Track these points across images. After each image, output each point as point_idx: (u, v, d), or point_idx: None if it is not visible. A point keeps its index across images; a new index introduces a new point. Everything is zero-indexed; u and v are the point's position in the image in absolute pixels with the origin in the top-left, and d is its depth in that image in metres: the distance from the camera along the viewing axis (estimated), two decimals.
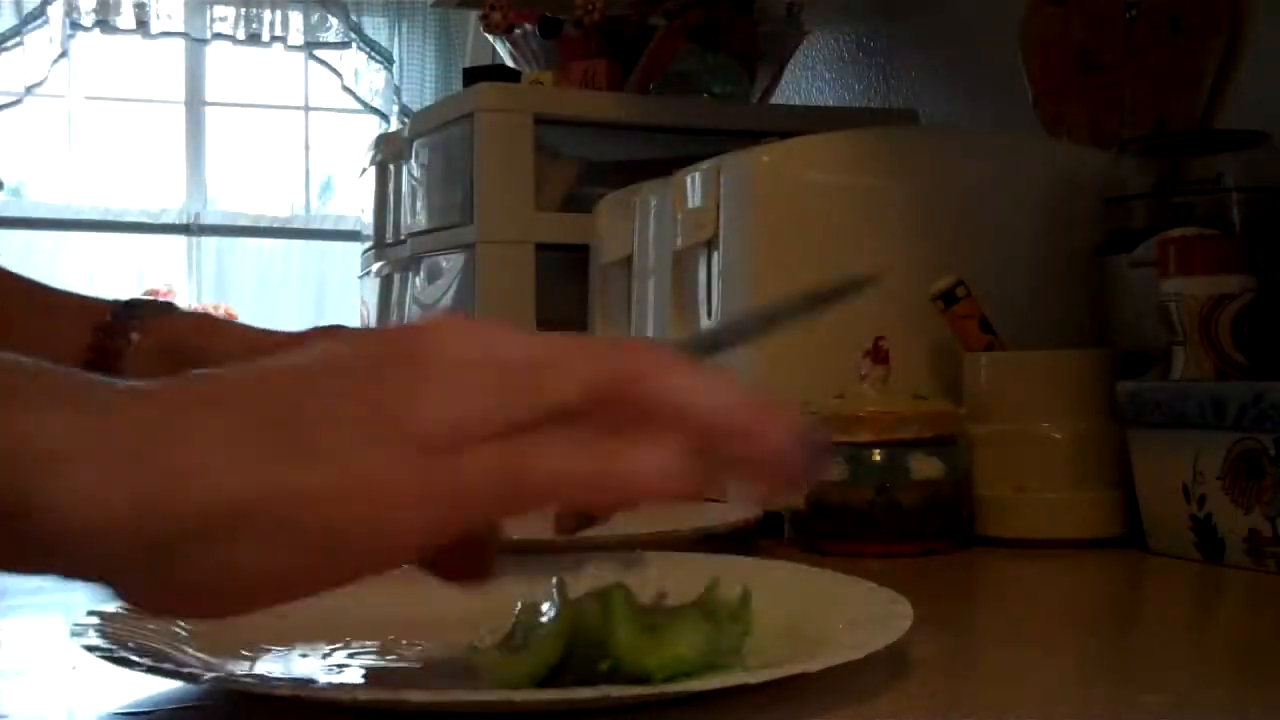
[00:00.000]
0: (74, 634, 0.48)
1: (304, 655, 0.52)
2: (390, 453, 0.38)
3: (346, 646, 0.53)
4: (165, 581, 0.38)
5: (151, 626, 0.50)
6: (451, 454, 0.38)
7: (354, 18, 4.14)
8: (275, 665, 0.51)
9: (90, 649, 0.46)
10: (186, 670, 0.45)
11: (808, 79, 1.75)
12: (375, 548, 0.39)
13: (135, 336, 0.67)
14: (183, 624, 0.51)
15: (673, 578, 0.55)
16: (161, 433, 0.38)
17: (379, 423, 0.38)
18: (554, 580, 0.49)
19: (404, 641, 0.54)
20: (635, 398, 0.40)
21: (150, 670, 0.44)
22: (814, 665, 0.44)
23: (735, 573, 0.54)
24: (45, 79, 3.93)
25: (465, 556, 0.47)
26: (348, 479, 0.38)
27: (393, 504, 0.38)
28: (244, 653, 0.51)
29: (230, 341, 0.66)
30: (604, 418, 0.40)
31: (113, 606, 0.49)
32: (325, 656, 0.52)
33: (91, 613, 0.50)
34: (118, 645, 0.47)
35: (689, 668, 0.43)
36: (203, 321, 0.69)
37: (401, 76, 4.14)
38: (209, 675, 0.45)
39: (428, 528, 0.39)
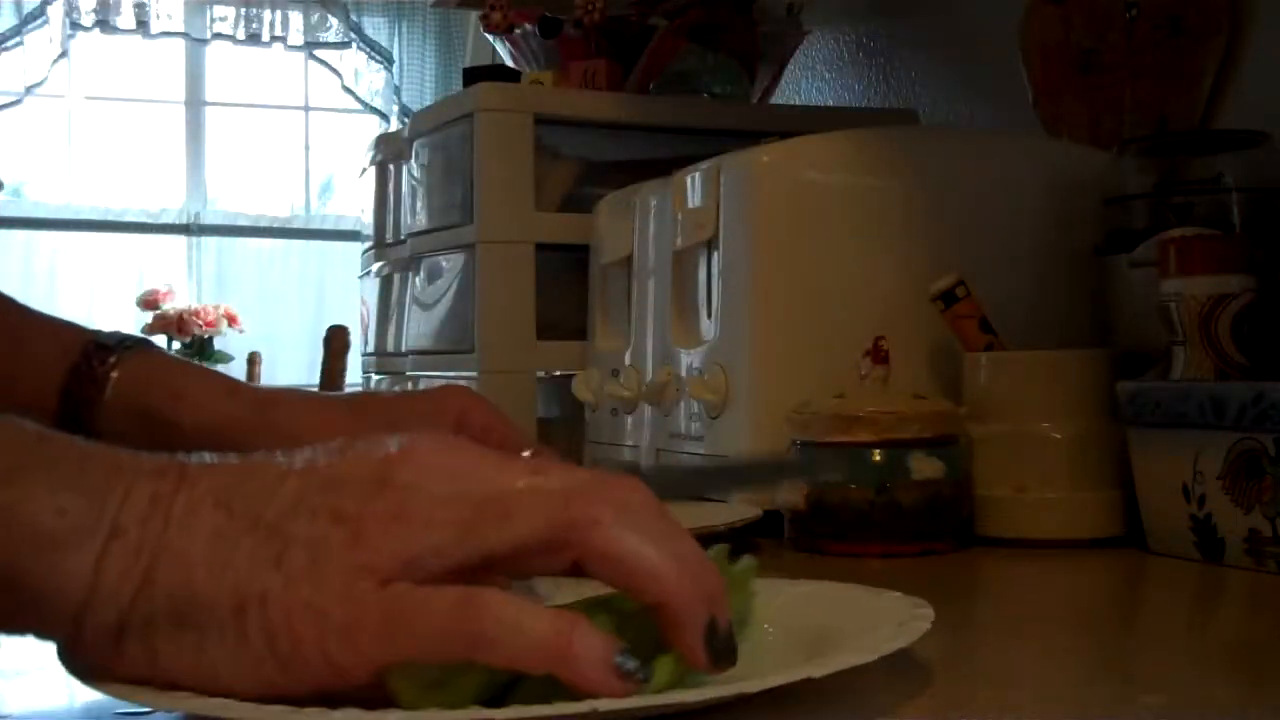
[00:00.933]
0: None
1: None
2: (343, 581, 0.40)
3: None
4: (136, 658, 0.41)
5: None
6: (403, 591, 0.40)
7: (354, 18, 4.14)
8: None
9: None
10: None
11: (808, 79, 1.75)
12: (318, 667, 0.40)
13: (108, 391, 0.67)
14: None
15: None
16: (153, 522, 0.41)
17: (340, 549, 0.40)
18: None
19: None
20: (585, 550, 0.41)
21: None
22: (816, 671, 0.43)
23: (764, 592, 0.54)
24: (45, 79, 3.93)
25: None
26: (299, 597, 0.40)
27: (336, 630, 0.39)
28: None
29: (200, 411, 0.66)
30: (556, 557, 0.41)
31: None
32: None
33: None
34: None
35: (659, 689, 0.41)
36: (175, 381, 0.68)
37: (401, 76, 4.14)
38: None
39: (366, 659, 0.40)
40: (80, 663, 0.42)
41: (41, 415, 0.66)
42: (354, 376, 2.25)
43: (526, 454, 0.65)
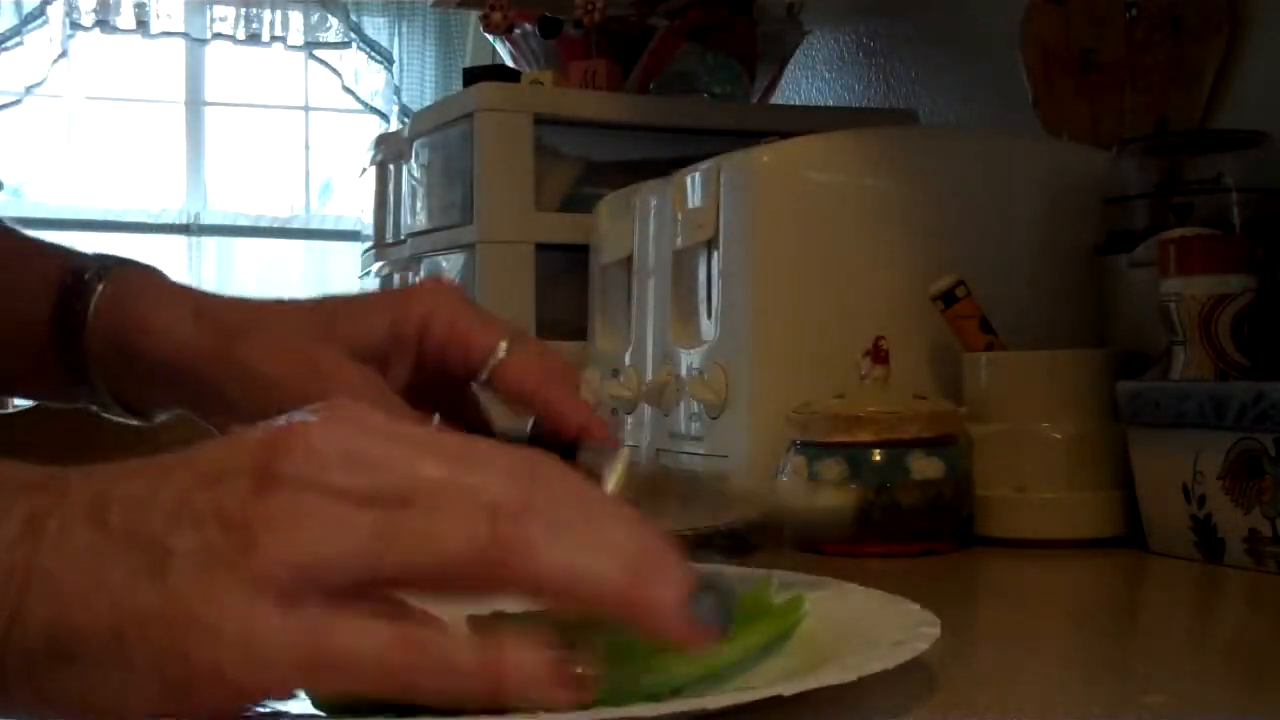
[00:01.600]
0: None
1: None
2: (236, 595, 0.36)
3: None
4: (23, 696, 0.37)
5: None
6: (315, 618, 0.36)
7: (354, 18, 4.14)
8: None
9: None
10: None
11: (808, 79, 1.75)
12: (215, 689, 0.36)
13: (88, 324, 0.64)
14: None
15: None
16: (23, 545, 0.37)
17: (228, 558, 0.36)
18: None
19: None
20: (519, 581, 0.38)
21: None
22: (786, 690, 0.43)
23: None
24: (45, 79, 3.93)
25: None
26: (183, 613, 0.36)
27: (232, 648, 0.36)
28: None
29: (164, 343, 0.62)
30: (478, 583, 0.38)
31: None
32: None
33: None
34: None
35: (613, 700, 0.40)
36: (142, 311, 0.63)
37: (401, 76, 4.14)
38: None
39: (272, 684, 0.37)
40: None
41: (36, 346, 0.65)
42: None
43: (504, 344, 0.61)
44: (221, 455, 0.39)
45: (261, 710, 0.43)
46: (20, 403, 1.20)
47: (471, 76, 1.41)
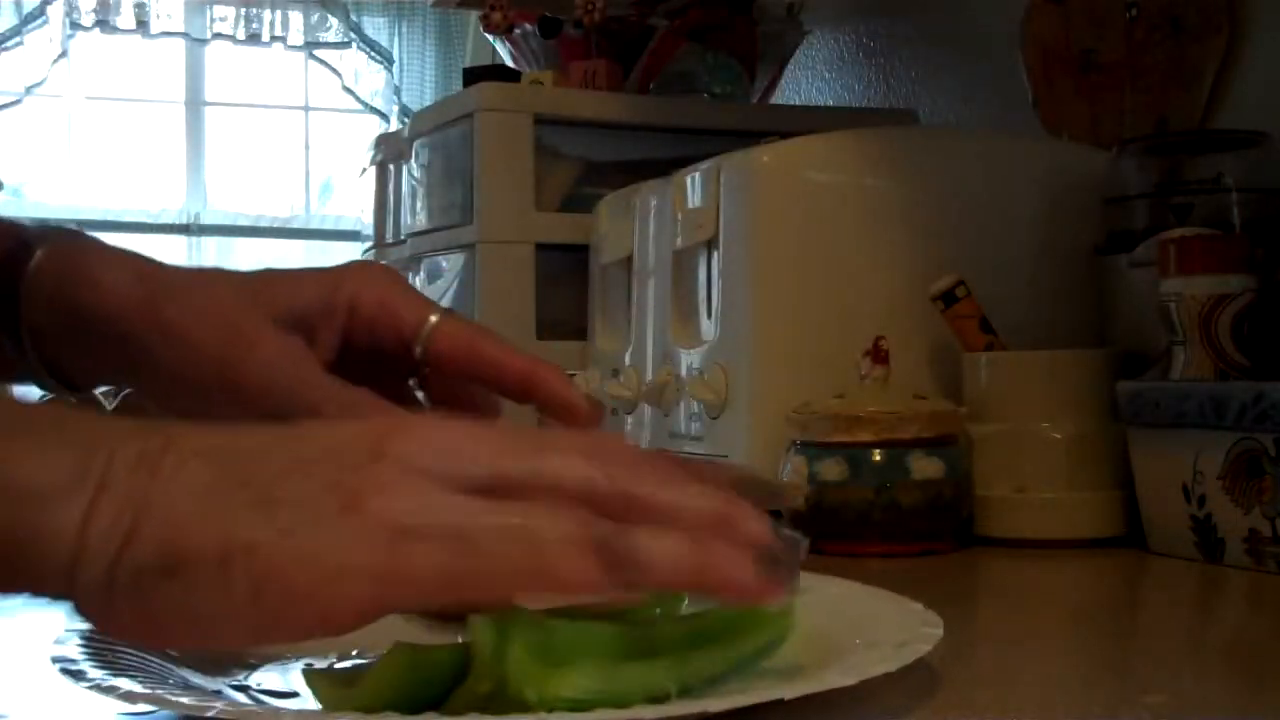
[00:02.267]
0: (57, 643, 0.47)
1: (309, 665, 0.52)
2: (336, 535, 0.39)
3: (358, 656, 0.53)
4: (127, 611, 0.40)
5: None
6: (402, 538, 0.39)
7: (354, 18, 4.14)
8: (271, 676, 0.51)
9: (66, 670, 0.45)
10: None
11: (808, 79, 1.75)
12: (308, 616, 0.39)
13: (26, 280, 0.62)
14: None
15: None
16: (139, 475, 0.40)
17: (333, 513, 0.39)
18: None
19: None
20: (627, 584, 0.40)
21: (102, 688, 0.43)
22: (787, 693, 0.43)
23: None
24: (45, 79, 3.93)
25: None
26: (289, 547, 0.39)
27: (330, 576, 0.39)
28: (251, 661, 0.51)
29: (107, 297, 0.61)
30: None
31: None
32: (332, 667, 0.52)
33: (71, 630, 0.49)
34: (96, 660, 0.46)
35: (569, 705, 0.40)
36: (92, 269, 0.63)
37: (401, 76, 4.14)
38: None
39: (362, 605, 0.39)
40: (87, 618, 0.41)
41: None
42: None
43: (435, 317, 0.61)
44: (333, 436, 0.42)
45: (261, 709, 0.43)
46: None
47: (471, 76, 1.41)
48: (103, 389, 0.68)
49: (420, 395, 0.63)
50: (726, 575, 0.40)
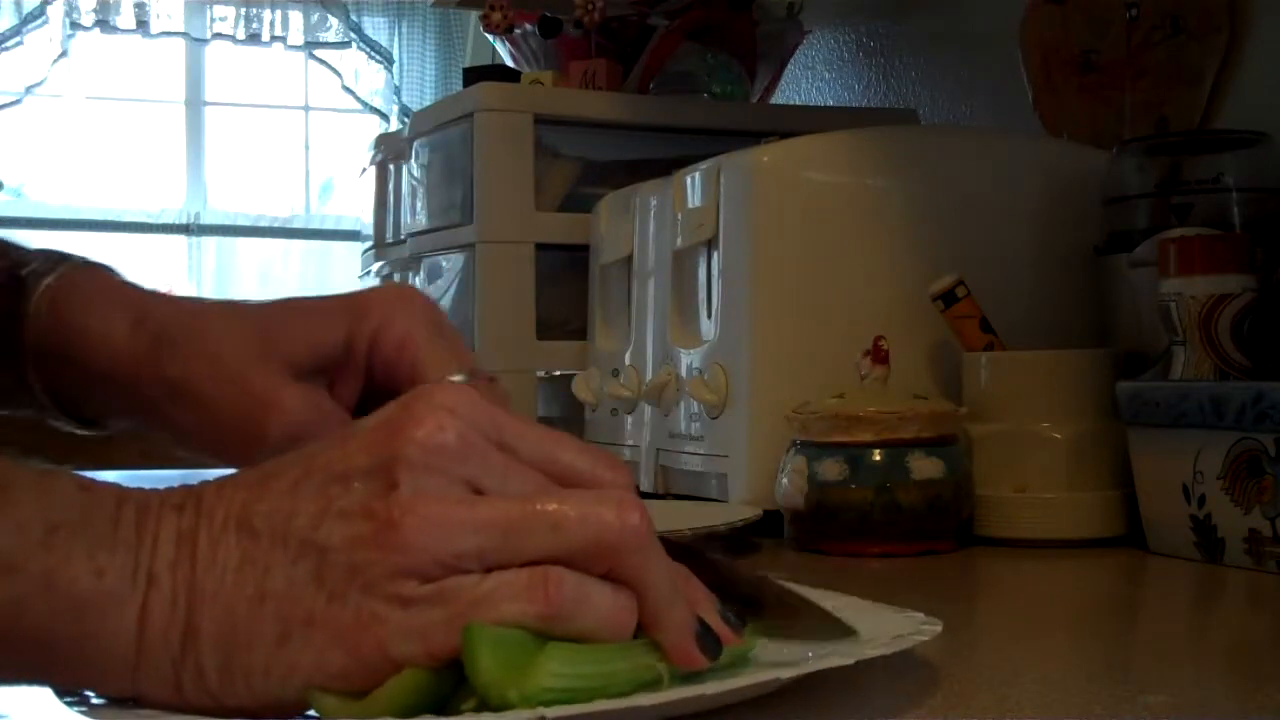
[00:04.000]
0: None
1: None
2: (389, 585, 0.39)
3: None
4: (195, 703, 0.40)
5: None
6: (467, 583, 0.40)
7: (354, 18, 4.14)
8: None
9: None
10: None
11: (808, 79, 1.75)
12: (380, 667, 0.40)
13: (26, 332, 0.60)
14: None
15: None
16: (182, 567, 0.40)
17: (379, 552, 0.40)
18: None
19: None
20: (623, 574, 0.42)
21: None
22: (784, 674, 0.43)
23: None
24: (45, 79, 3.93)
25: None
26: (343, 608, 0.39)
27: (400, 633, 0.39)
28: None
29: (99, 351, 0.59)
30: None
31: None
32: None
33: None
34: None
35: (557, 697, 0.40)
36: (79, 318, 0.60)
37: (401, 76, 4.13)
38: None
39: (435, 653, 0.40)
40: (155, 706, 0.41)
41: None
42: None
43: (457, 378, 0.56)
44: (343, 456, 0.41)
45: None
46: None
47: (471, 76, 1.41)
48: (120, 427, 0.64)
49: None
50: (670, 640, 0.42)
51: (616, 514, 0.41)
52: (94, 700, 0.42)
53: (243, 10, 4.11)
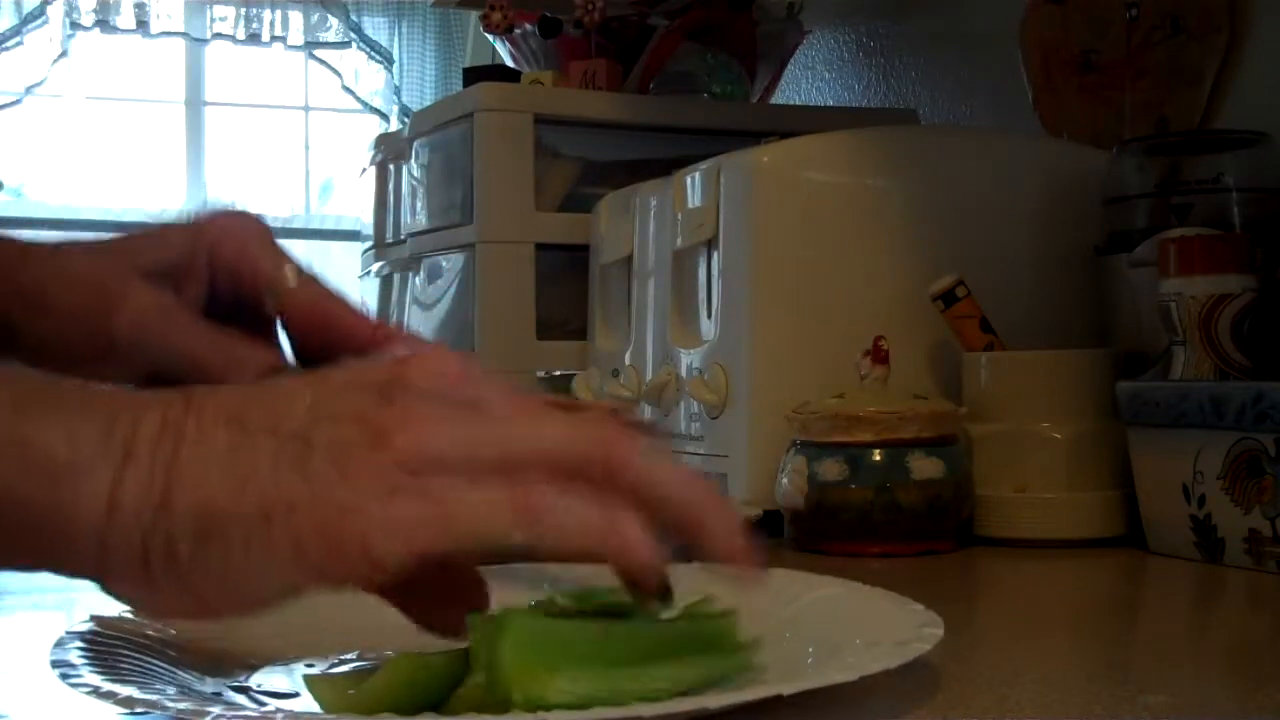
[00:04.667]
0: (56, 647, 0.47)
1: (309, 666, 0.52)
2: (375, 477, 0.39)
3: (358, 659, 0.53)
4: (164, 584, 0.40)
5: (145, 637, 0.50)
6: (448, 481, 0.40)
7: (354, 18, 4.14)
8: (271, 677, 0.51)
9: (65, 676, 0.45)
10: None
11: (808, 79, 1.75)
12: (358, 565, 0.39)
13: None
14: (174, 637, 0.50)
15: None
16: (165, 443, 0.40)
17: (365, 448, 0.40)
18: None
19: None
20: (617, 479, 0.42)
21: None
22: (786, 689, 0.43)
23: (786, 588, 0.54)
24: (45, 79, 3.93)
25: (443, 608, 0.47)
26: (331, 501, 0.39)
27: (381, 525, 0.39)
28: (251, 662, 0.51)
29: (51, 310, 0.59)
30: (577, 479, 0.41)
31: (87, 626, 0.49)
32: (332, 668, 0.52)
33: (72, 633, 0.49)
34: (95, 665, 0.46)
35: (567, 704, 0.40)
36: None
37: (401, 76, 4.13)
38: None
39: (414, 549, 0.39)
40: (120, 597, 0.41)
41: None
42: None
43: (289, 272, 0.59)
44: (348, 375, 0.43)
45: (256, 713, 0.43)
46: None
47: (471, 76, 1.41)
48: None
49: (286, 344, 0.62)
50: (628, 554, 0.41)
51: (609, 433, 0.42)
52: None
53: (243, 10, 4.11)
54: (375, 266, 1.59)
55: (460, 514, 0.40)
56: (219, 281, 0.60)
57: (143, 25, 4.03)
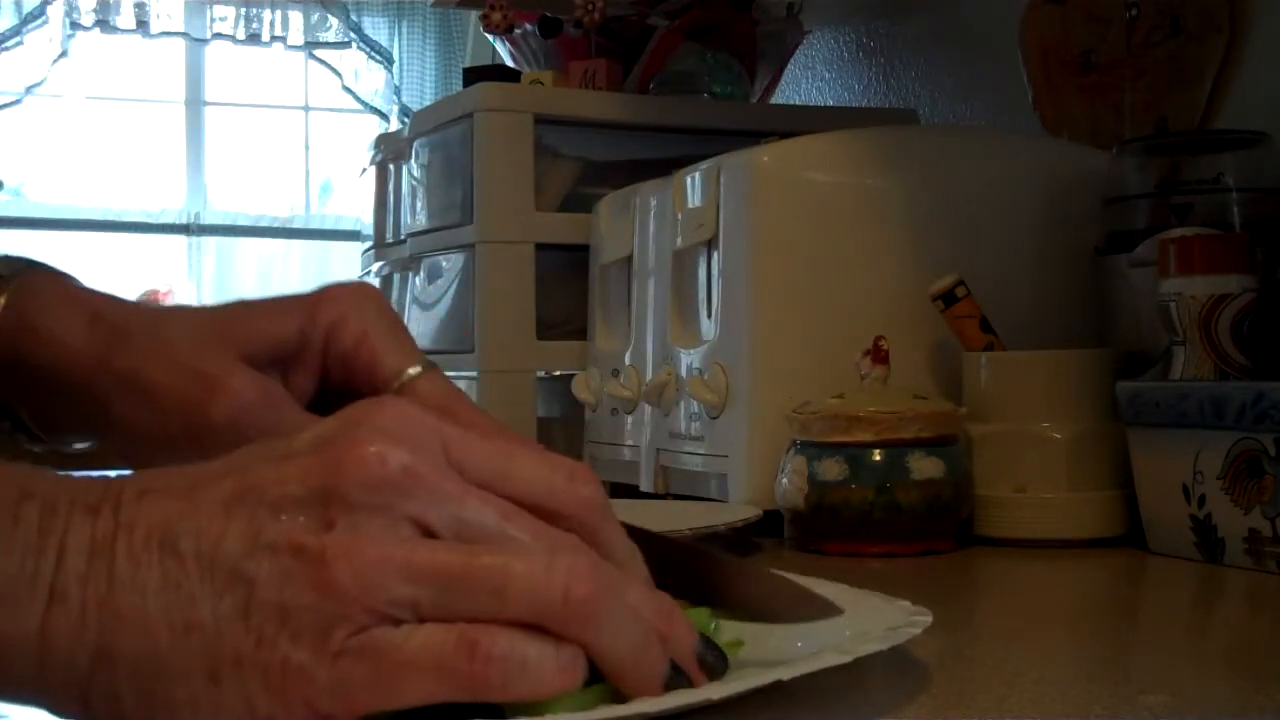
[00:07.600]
0: None
1: None
2: (320, 633, 0.38)
3: None
4: (98, 715, 0.38)
5: None
6: (393, 637, 0.38)
7: (354, 18, 4.14)
8: None
9: None
10: None
11: (808, 79, 1.75)
12: (283, 716, 0.38)
13: None
14: None
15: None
16: (95, 583, 0.38)
17: (309, 594, 0.38)
18: None
19: None
20: (579, 641, 0.39)
21: None
22: (785, 674, 0.42)
23: None
24: (45, 79, 3.93)
25: None
26: (277, 657, 0.38)
27: (326, 690, 0.38)
28: None
29: (50, 350, 0.57)
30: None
31: None
32: None
33: None
34: None
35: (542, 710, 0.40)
36: (34, 317, 0.58)
37: (401, 76, 4.14)
38: None
39: (360, 708, 0.38)
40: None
41: None
42: None
43: (415, 370, 0.55)
44: (276, 478, 0.39)
45: None
46: None
47: (471, 76, 1.41)
48: (78, 444, 0.62)
49: None
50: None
51: (565, 580, 0.39)
52: None
53: (243, 10, 4.11)
54: (375, 266, 1.59)
55: (406, 677, 0.38)
56: (331, 369, 0.57)
57: (143, 25, 4.03)
